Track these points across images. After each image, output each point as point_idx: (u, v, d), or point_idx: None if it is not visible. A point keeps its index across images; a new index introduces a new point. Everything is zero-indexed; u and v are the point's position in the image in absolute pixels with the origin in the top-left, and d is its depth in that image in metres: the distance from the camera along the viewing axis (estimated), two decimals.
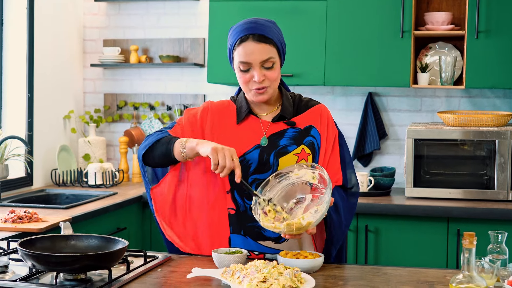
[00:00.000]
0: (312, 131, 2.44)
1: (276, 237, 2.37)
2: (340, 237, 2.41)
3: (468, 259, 1.87)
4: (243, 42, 2.32)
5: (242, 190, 2.37)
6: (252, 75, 2.34)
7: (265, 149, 2.39)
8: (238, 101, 2.48)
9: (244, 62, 2.33)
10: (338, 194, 2.40)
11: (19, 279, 2.02)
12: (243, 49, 2.32)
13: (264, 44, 2.32)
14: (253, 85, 2.35)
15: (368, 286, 2.07)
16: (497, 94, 4.40)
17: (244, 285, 1.94)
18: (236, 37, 2.34)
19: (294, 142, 2.41)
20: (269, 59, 2.33)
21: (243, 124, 2.44)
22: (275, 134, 2.42)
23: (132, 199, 4.07)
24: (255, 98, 2.38)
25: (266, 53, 2.32)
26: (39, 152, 4.41)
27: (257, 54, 2.31)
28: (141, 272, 2.17)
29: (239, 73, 2.37)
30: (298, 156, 2.39)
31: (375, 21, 4.13)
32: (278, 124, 2.44)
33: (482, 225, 3.72)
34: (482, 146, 3.95)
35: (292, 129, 2.43)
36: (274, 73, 2.35)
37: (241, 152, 2.38)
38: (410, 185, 4.01)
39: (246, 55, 2.31)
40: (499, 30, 3.97)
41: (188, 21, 4.84)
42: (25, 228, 3.00)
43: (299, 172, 2.32)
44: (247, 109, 2.44)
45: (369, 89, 4.56)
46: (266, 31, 2.33)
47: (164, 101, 4.91)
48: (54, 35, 4.61)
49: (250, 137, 2.41)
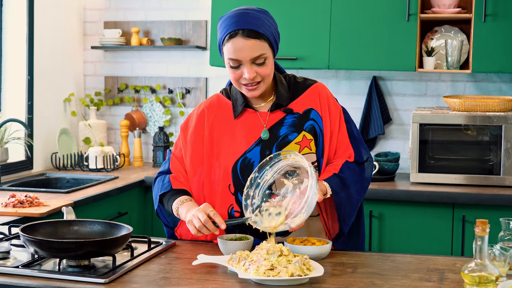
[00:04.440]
0: (312, 114, 2.35)
1: (282, 232, 2.29)
2: (351, 213, 2.33)
3: (480, 247, 1.83)
4: (232, 38, 2.18)
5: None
6: (243, 71, 2.21)
7: (266, 143, 2.31)
8: (232, 94, 2.39)
9: (233, 59, 2.20)
10: (348, 169, 2.31)
11: (21, 266, 1.98)
12: (232, 46, 2.18)
13: (255, 40, 2.18)
14: (244, 81, 2.24)
15: (377, 273, 2.02)
16: (504, 79, 4.34)
17: (251, 273, 1.89)
18: (224, 32, 2.20)
19: (295, 129, 2.32)
20: (260, 56, 2.20)
21: (241, 119, 2.35)
22: (275, 124, 2.33)
23: (133, 183, 4.03)
24: (247, 94, 2.28)
25: (256, 50, 2.18)
26: (39, 135, 4.36)
27: (247, 51, 2.17)
28: (146, 258, 2.13)
29: (229, 69, 2.24)
30: (300, 144, 2.31)
31: (381, 4, 4.06)
32: (276, 113, 2.35)
33: (488, 211, 3.68)
34: (488, 131, 3.90)
35: (291, 115, 2.34)
36: (266, 69, 2.22)
37: (242, 151, 2.31)
38: (415, 170, 3.96)
39: (235, 52, 2.18)
40: (506, 14, 3.91)
41: (190, 3, 4.77)
42: (26, 213, 2.95)
43: (297, 157, 2.20)
44: (243, 102, 2.34)
45: (373, 73, 4.50)
46: (258, 24, 2.19)
47: (165, 84, 4.85)
48: (54, 17, 4.54)
49: (250, 132, 2.32)
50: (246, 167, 2.29)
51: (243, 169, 2.30)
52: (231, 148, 2.32)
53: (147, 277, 1.96)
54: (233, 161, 2.31)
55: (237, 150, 2.31)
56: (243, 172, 2.29)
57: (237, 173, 2.30)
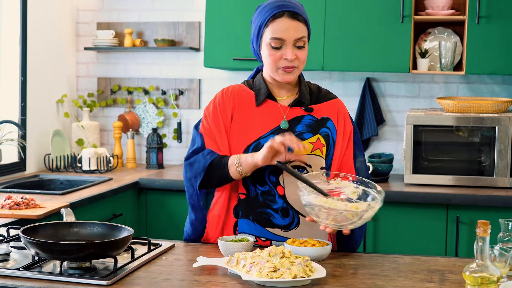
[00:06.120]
0: (328, 123, 2.43)
1: (284, 224, 2.33)
2: (361, 236, 2.43)
3: (481, 248, 1.84)
4: (277, 18, 2.30)
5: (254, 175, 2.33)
6: (283, 53, 2.31)
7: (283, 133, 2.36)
8: (255, 84, 2.44)
9: (277, 39, 2.30)
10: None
11: (22, 268, 1.97)
12: (278, 25, 2.29)
13: (298, 22, 2.31)
14: (283, 63, 2.33)
15: (379, 274, 2.03)
16: (496, 81, 4.37)
17: (254, 275, 1.89)
18: (269, 13, 2.31)
19: (310, 130, 2.39)
20: (301, 38, 2.32)
21: (262, 107, 2.40)
22: (293, 119, 2.39)
23: (127, 185, 4.02)
24: (281, 77, 2.35)
25: (300, 31, 2.31)
26: (32, 136, 4.34)
27: (292, 31, 2.30)
28: (146, 260, 2.13)
29: (269, 50, 2.33)
30: (313, 144, 2.37)
31: (375, 6, 4.07)
32: (295, 109, 2.41)
33: (482, 212, 3.69)
34: (482, 132, 3.92)
35: (309, 116, 2.40)
36: (304, 53, 2.35)
37: (257, 136, 2.35)
38: (409, 171, 3.97)
39: (281, 32, 2.29)
40: (500, 16, 3.93)
41: (183, 4, 4.76)
42: (23, 215, 2.94)
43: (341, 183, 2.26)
44: (266, 91, 2.40)
45: (367, 74, 4.51)
46: (301, 10, 2.34)
47: (158, 86, 4.84)
48: (47, 18, 4.52)
49: (268, 120, 2.38)
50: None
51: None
52: (247, 132, 2.36)
53: (149, 279, 1.95)
54: (246, 144, 2.35)
55: (252, 135, 2.35)
56: None
57: None
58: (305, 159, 2.31)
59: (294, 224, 2.34)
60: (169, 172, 4.45)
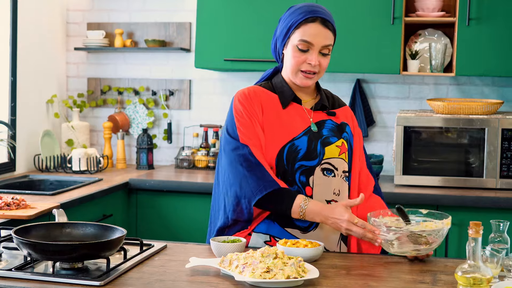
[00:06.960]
0: (346, 128, 2.49)
1: (305, 226, 2.34)
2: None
3: (473, 249, 1.85)
4: (309, 22, 2.34)
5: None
6: (307, 57, 2.35)
7: (313, 136, 2.39)
8: (277, 86, 2.45)
9: (306, 42, 2.34)
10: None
11: (14, 268, 1.96)
12: (310, 29, 2.34)
13: (328, 30, 2.37)
14: (305, 66, 2.36)
15: (371, 275, 2.04)
16: (486, 82, 4.39)
17: (247, 275, 1.90)
18: (302, 16, 2.34)
19: (334, 134, 2.43)
20: (328, 46, 2.37)
21: (288, 109, 2.42)
22: (318, 122, 2.43)
23: (118, 185, 4.01)
24: (301, 82, 2.39)
25: (328, 39, 2.37)
26: (22, 137, 4.32)
27: (321, 37, 2.35)
28: (139, 261, 2.13)
29: (295, 52, 2.36)
30: (340, 148, 2.42)
31: (366, 7, 4.09)
32: (318, 113, 2.46)
33: (471, 213, 3.71)
34: (471, 134, 3.94)
35: (330, 121, 2.45)
36: (326, 61, 2.40)
37: (291, 137, 2.36)
38: (399, 172, 3.99)
39: (311, 36, 2.34)
40: (490, 18, 3.95)
41: (174, 5, 4.76)
42: (14, 215, 2.92)
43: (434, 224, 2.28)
44: (292, 94, 2.43)
45: (357, 75, 4.52)
46: (332, 19, 2.39)
47: (149, 86, 4.83)
48: (37, 18, 4.50)
49: (297, 122, 2.40)
50: (293, 153, 2.34)
51: (289, 154, 2.34)
52: (280, 133, 2.37)
53: (142, 279, 1.95)
54: (280, 145, 2.35)
55: (285, 136, 2.36)
56: (288, 158, 2.34)
57: (282, 158, 2.34)
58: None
59: (313, 226, 2.35)
60: (159, 172, 4.45)
